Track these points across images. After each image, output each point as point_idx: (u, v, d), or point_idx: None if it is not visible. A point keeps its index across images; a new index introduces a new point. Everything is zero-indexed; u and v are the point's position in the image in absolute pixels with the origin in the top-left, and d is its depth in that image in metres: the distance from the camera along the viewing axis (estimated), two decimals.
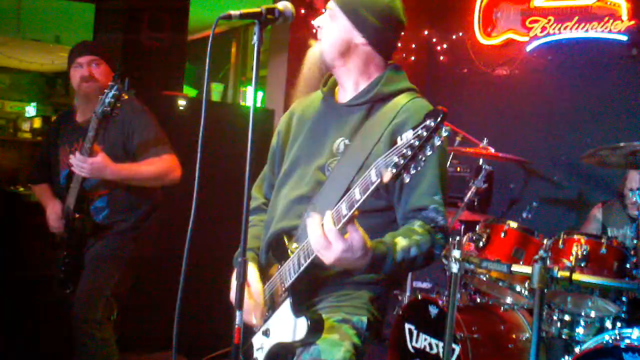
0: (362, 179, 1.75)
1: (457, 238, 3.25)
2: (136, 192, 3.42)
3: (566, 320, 3.37)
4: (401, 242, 1.95)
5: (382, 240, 1.94)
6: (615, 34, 4.74)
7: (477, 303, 3.78)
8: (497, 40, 5.27)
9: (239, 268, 1.88)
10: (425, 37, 5.83)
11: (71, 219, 3.38)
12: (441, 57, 5.70)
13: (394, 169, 1.64)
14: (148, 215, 3.53)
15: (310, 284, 2.05)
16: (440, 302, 3.60)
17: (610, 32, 4.75)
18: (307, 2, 5.54)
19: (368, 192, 1.73)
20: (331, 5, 2.19)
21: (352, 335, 2.08)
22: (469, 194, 3.78)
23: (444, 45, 5.69)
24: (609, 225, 3.99)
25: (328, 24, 2.20)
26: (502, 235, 3.51)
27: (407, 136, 1.65)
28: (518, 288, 3.41)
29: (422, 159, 1.64)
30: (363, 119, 2.16)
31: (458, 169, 4.34)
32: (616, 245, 3.19)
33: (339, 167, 2.11)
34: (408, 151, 1.63)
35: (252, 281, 2.14)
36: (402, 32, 2.30)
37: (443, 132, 1.64)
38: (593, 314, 3.34)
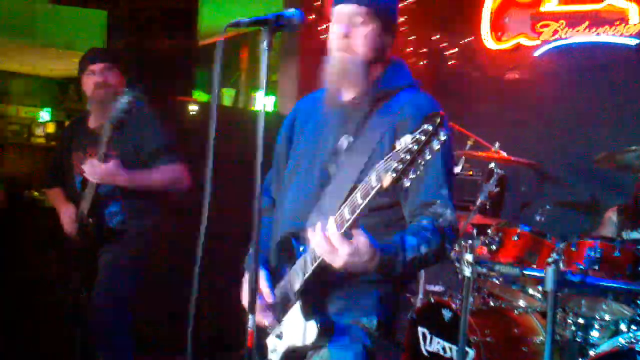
0: (363, 183, 1.76)
1: (470, 241, 3.25)
2: (149, 197, 3.45)
3: (580, 323, 3.35)
4: (410, 240, 1.95)
5: (390, 241, 1.94)
6: (626, 38, 4.72)
7: (491, 306, 3.77)
8: (507, 44, 5.26)
9: (251, 272, 1.89)
10: (435, 42, 5.83)
11: (85, 223, 3.41)
12: (451, 62, 5.69)
13: (394, 173, 1.65)
14: (161, 219, 3.55)
15: (319, 286, 2.05)
16: (453, 305, 3.59)
17: (621, 35, 4.73)
18: (316, 7, 5.56)
19: (369, 197, 1.74)
20: (359, 11, 2.12)
21: (362, 336, 2.08)
22: (481, 198, 3.77)
23: (454, 50, 5.68)
24: (625, 228, 3.96)
25: (360, 30, 2.13)
26: (515, 238, 3.51)
27: (406, 141, 1.66)
28: (531, 291, 3.40)
29: (421, 163, 1.65)
30: (366, 115, 2.14)
31: (470, 172, 4.33)
32: (630, 248, 3.16)
33: (343, 166, 2.10)
34: (407, 156, 1.65)
35: (263, 284, 2.14)
36: None
37: (442, 135, 1.65)
38: (607, 317, 3.32)
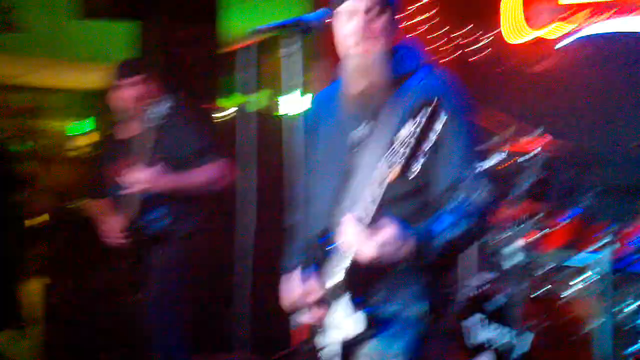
0: (373, 178, 1.78)
1: (519, 228, 3.23)
2: (193, 200, 3.48)
3: (636, 306, 3.29)
4: (444, 222, 1.93)
5: (423, 225, 1.93)
6: None
7: (543, 292, 3.72)
8: (527, 38, 5.18)
9: (294, 271, 1.90)
10: (455, 38, 5.78)
11: (132, 230, 3.45)
12: (472, 58, 5.63)
13: (396, 167, 1.68)
14: (205, 221, 3.58)
15: (361, 277, 2.02)
16: (505, 292, 3.56)
17: None
18: None
19: (384, 188, 1.76)
20: (370, 5, 2.07)
21: (412, 323, 2.07)
22: (527, 184, 3.72)
23: (475, 46, 5.62)
24: None
25: (376, 23, 2.08)
26: (564, 223, 3.47)
27: (403, 134, 1.68)
28: (583, 275, 3.35)
29: (421, 154, 1.67)
30: (381, 103, 2.08)
31: (514, 159, 4.27)
32: None
33: (363, 157, 2.07)
34: (406, 149, 1.66)
35: (307, 283, 2.13)
36: None
37: (437, 125, 1.66)
38: None
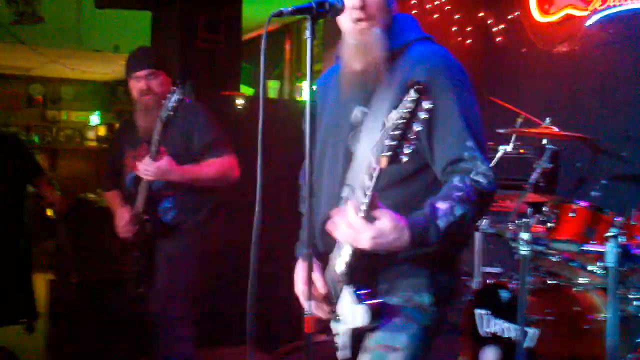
0: (367, 166, 1.72)
1: (525, 220, 3.21)
2: (201, 191, 3.50)
3: None
4: (441, 205, 1.84)
5: (419, 213, 1.85)
6: None
7: (549, 285, 3.71)
8: (555, 17, 5.12)
9: (306, 259, 1.89)
10: (480, 19, 5.73)
11: (141, 221, 3.48)
12: (498, 39, 5.58)
13: (388, 152, 1.63)
14: (214, 212, 3.60)
15: (364, 267, 1.98)
16: (511, 285, 3.55)
17: None
18: None
19: (374, 179, 1.70)
20: None
21: (416, 315, 2.04)
22: (535, 175, 3.70)
23: (501, 26, 5.58)
24: None
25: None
26: (572, 214, 3.43)
27: (392, 117, 1.63)
28: (590, 267, 3.33)
29: (412, 137, 1.62)
30: (378, 82, 2.02)
31: (522, 150, 4.26)
32: None
33: (361, 141, 2.02)
34: (396, 133, 1.62)
35: (315, 276, 2.09)
36: None
37: (425, 104, 1.60)
38: None
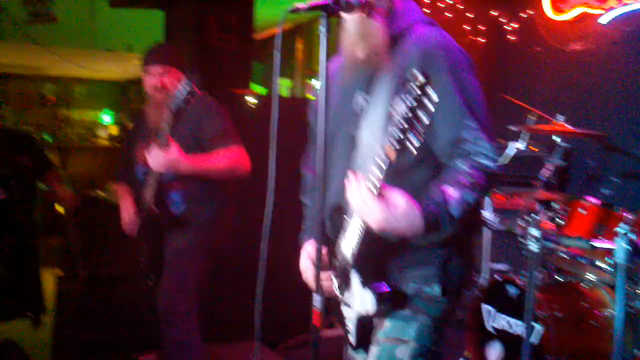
0: (375, 156, 1.73)
1: (536, 217, 3.20)
2: (211, 185, 3.51)
3: None
4: (452, 193, 1.82)
5: (430, 200, 1.83)
6: None
7: (558, 281, 3.71)
8: (569, 15, 5.10)
9: (316, 253, 1.89)
10: (494, 17, 5.72)
11: (150, 213, 3.49)
12: (512, 37, 5.57)
13: (396, 144, 1.64)
14: (223, 206, 3.61)
15: (373, 254, 1.98)
16: (519, 282, 3.55)
17: None
18: None
19: (384, 170, 1.71)
20: None
21: (425, 307, 2.01)
22: (546, 173, 3.70)
23: (514, 25, 5.56)
24: None
25: None
26: (582, 211, 3.44)
27: (400, 107, 1.64)
28: (600, 264, 3.33)
29: (420, 126, 1.63)
30: (378, 68, 2.01)
31: (533, 147, 4.25)
32: None
33: (364, 128, 2.02)
34: (403, 123, 1.62)
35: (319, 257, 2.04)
36: None
37: (431, 94, 1.61)
38: None
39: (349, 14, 1.96)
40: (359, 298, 2.00)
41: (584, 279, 3.63)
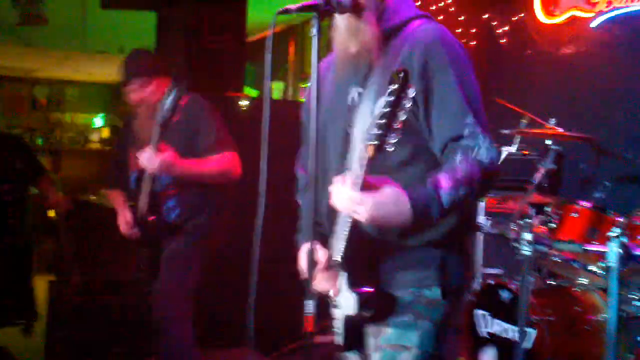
0: (358, 153, 1.75)
1: (528, 221, 3.20)
2: (205, 190, 3.49)
3: None
4: (445, 183, 1.80)
5: (422, 187, 1.81)
6: None
7: (551, 285, 3.72)
8: (560, 18, 5.11)
9: (309, 255, 1.88)
10: (485, 20, 5.73)
11: (145, 221, 3.48)
12: (503, 40, 5.58)
13: (374, 141, 1.66)
14: (217, 212, 3.59)
15: (363, 255, 1.96)
16: (512, 286, 3.55)
17: None
18: None
19: (364, 168, 1.73)
20: None
21: (426, 311, 1.98)
22: (538, 176, 3.70)
23: (505, 28, 5.57)
24: None
25: None
26: (575, 215, 3.44)
27: (379, 105, 1.66)
28: (592, 268, 3.33)
29: (397, 126, 1.65)
30: (371, 63, 1.99)
31: (525, 151, 4.25)
32: None
33: (357, 123, 1.99)
34: (382, 121, 1.64)
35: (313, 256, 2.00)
36: None
37: (410, 92, 1.63)
38: None
39: (340, 14, 1.94)
40: (344, 299, 1.99)
41: (576, 283, 3.64)
